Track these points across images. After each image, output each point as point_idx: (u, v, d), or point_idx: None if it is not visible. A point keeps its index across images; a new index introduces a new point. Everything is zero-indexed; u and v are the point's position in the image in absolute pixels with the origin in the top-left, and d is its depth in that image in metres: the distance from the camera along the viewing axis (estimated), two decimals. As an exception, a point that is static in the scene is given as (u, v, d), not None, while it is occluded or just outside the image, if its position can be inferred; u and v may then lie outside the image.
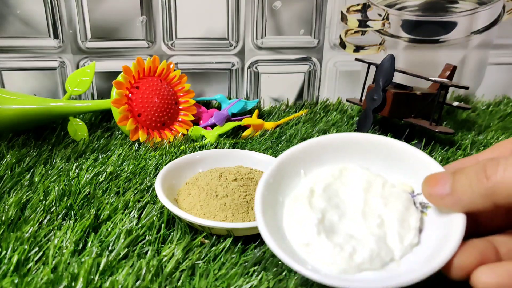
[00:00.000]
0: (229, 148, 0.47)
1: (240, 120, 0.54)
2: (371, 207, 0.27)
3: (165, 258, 0.29)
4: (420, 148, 0.44)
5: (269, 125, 0.54)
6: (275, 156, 0.42)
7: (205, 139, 0.50)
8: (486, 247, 0.23)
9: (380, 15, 0.61)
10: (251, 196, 0.34)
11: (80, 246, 0.30)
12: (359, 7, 0.61)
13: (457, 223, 0.24)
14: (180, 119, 0.52)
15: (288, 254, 0.24)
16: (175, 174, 0.37)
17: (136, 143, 0.48)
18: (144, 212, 0.34)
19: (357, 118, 0.59)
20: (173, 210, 0.31)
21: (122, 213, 0.34)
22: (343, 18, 0.61)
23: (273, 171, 0.28)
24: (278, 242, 0.24)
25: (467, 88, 0.49)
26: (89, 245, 0.30)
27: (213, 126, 0.53)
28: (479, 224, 0.26)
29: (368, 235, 0.26)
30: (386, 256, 0.25)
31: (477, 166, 0.22)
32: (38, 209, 0.34)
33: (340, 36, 0.62)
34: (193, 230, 0.33)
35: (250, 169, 0.38)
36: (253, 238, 0.31)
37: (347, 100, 0.60)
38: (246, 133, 0.52)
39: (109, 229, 0.32)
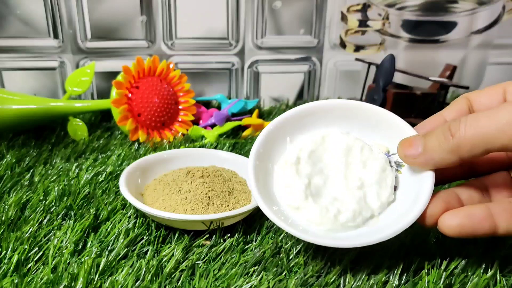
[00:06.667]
0: (229, 148, 0.47)
1: (240, 120, 0.54)
2: (352, 170, 0.30)
3: (165, 258, 0.29)
4: None
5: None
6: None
7: (205, 139, 0.50)
8: (450, 196, 0.27)
9: (380, 15, 0.61)
10: (214, 192, 0.34)
11: (80, 246, 0.30)
12: (359, 7, 0.61)
13: (427, 179, 0.27)
14: (180, 119, 0.52)
15: (280, 218, 0.27)
16: (145, 171, 0.38)
17: (136, 143, 0.48)
18: (144, 212, 0.34)
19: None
20: (133, 202, 0.32)
21: (122, 213, 0.34)
22: (343, 18, 0.61)
23: (261, 141, 0.30)
24: (271, 209, 0.27)
25: (467, 88, 0.49)
26: (88, 245, 0.30)
27: (213, 126, 0.53)
28: (442, 176, 0.30)
29: (350, 196, 0.29)
30: (366, 214, 0.28)
31: (444, 126, 0.26)
32: (38, 209, 0.34)
33: (340, 36, 0.62)
34: (193, 230, 0.33)
35: (222, 168, 0.39)
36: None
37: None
38: (246, 133, 0.52)
39: (108, 229, 0.32)
